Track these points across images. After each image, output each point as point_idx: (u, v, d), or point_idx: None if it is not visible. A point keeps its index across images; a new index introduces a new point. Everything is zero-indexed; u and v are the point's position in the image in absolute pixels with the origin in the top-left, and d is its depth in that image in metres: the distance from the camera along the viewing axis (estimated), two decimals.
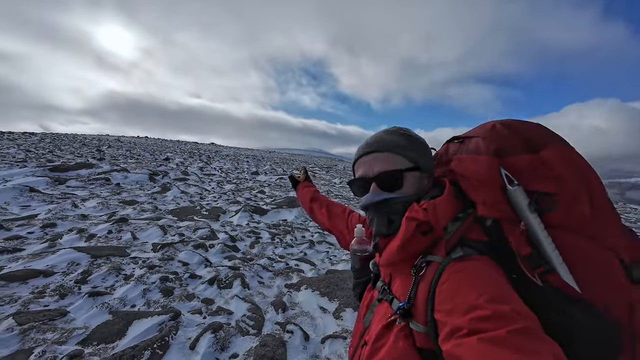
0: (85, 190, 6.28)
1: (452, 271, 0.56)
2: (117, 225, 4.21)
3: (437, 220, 0.61)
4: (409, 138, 0.72)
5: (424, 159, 0.71)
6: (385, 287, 0.71)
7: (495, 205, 0.60)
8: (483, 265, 0.56)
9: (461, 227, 0.62)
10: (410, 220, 0.63)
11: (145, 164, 10.77)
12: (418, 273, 0.62)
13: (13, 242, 3.33)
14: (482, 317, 0.46)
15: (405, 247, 0.63)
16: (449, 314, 0.51)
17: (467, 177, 0.65)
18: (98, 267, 2.97)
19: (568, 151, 0.60)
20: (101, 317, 2.27)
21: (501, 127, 0.65)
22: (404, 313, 0.60)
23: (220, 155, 19.39)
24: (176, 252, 3.57)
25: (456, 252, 0.59)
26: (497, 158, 0.62)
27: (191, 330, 2.24)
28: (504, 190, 0.59)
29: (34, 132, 17.63)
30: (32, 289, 2.49)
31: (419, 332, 0.57)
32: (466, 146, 0.69)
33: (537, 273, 0.54)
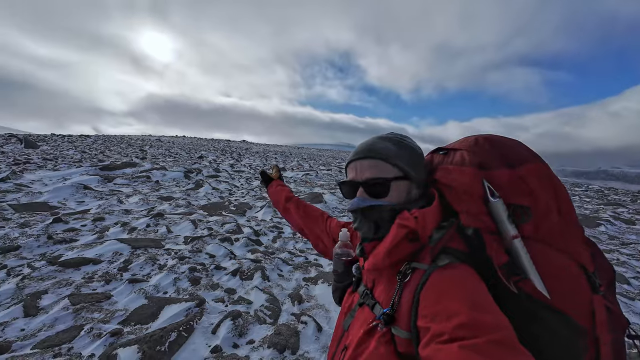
0: (130, 187, 6.94)
1: (438, 278, 0.58)
2: (154, 219, 4.64)
3: (424, 228, 0.64)
4: (401, 147, 0.72)
5: (414, 169, 0.71)
6: (367, 292, 0.72)
7: (477, 215, 0.63)
8: (466, 274, 0.58)
9: (445, 236, 0.64)
10: (401, 227, 0.65)
11: (182, 162, 11.56)
12: (403, 280, 0.63)
13: (70, 233, 3.83)
14: (464, 324, 0.48)
15: (392, 253, 0.65)
16: (432, 319, 0.53)
17: (452, 187, 0.67)
18: (137, 257, 3.33)
19: (543, 168, 0.64)
20: (138, 301, 2.56)
21: (483, 141, 0.68)
22: (387, 319, 0.61)
23: (250, 152, 20.14)
24: (204, 245, 3.86)
25: (441, 259, 0.61)
26: (480, 170, 0.64)
27: (214, 316, 2.45)
28: (485, 201, 0.63)
29: (88, 135, 19.65)
30: (84, 274, 2.88)
31: (401, 337, 0.58)
32: (451, 158, 0.71)
33: (513, 281, 0.57)
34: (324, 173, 13.04)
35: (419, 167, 0.73)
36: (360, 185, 0.72)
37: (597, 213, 8.66)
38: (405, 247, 0.65)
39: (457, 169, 0.67)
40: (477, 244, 0.62)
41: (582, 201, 11.55)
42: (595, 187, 17.98)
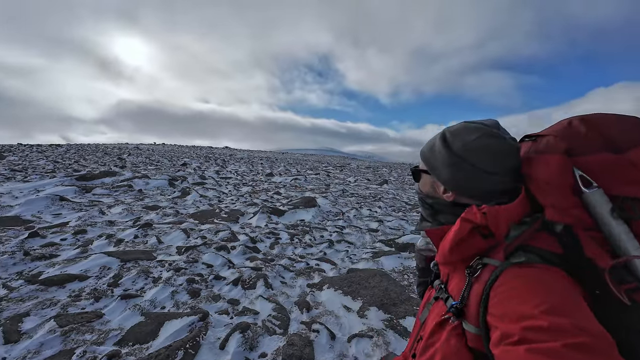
0: (111, 197, 6.54)
1: (510, 276, 0.53)
2: (142, 230, 4.36)
3: (497, 225, 0.58)
4: (433, 142, 0.72)
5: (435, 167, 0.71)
6: (442, 286, 0.71)
7: (566, 209, 0.56)
8: (547, 274, 0.52)
9: (526, 232, 0.58)
10: (464, 221, 0.61)
11: (165, 170, 11.10)
12: (472, 274, 0.60)
13: (49, 248, 3.51)
14: (536, 327, 0.44)
15: (459, 247, 0.62)
16: (501, 318, 0.49)
17: (535, 179, 0.60)
18: (128, 271, 3.09)
19: None
20: (134, 319, 2.35)
21: (579, 123, 0.59)
22: (456, 312, 0.59)
23: (234, 159, 19.73)
24: (200, 254, 3.66)
25: (517, 256, 0.56)
26: (568, 157, 0.57)
27: (220, 330, 2.29)
28: (577, 193, 0.55)
29: (60, 144, 18.54)
30: (70, 292, 2.63)
31: (471, 332, 0.56)
32: (537, 145, 0.64)
33: (625, 290, 0.49)
34: (312, 177, 12.96)
35: (443, 167, 0.68)
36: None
37: None
38: (477, 243, 0.60)
39: (539, 158, 0.61)
40: (569, 242, 0.55)
41: None
42: None
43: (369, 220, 6.21)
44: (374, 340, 2.27)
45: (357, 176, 15.25)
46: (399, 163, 32.62)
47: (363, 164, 26.61)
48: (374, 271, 3.43)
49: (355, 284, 3.11)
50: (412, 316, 2.54)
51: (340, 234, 5.11)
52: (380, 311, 2.65)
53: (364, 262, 3.89)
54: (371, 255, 4.08)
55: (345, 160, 31.78)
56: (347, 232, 5.29)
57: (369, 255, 4.11)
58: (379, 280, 3.16)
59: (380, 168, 22.37)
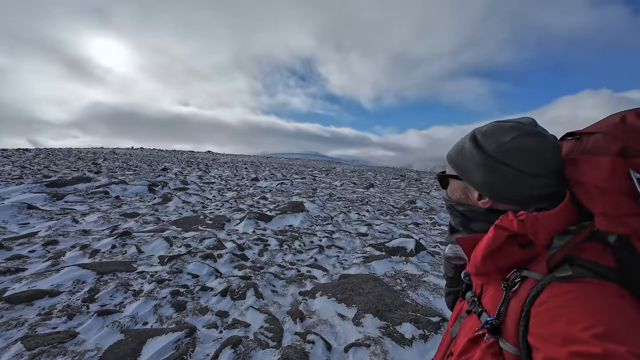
0: (85, 204, 6.15)
1: (556, 292, 0.48)
2: (120, 239, 4.10)
3: (536, 234, 0.53)
4: (463, 145, 0.68)
5: (466, 172, 0.66)
6: (475, 299, 0.66)
7: (620, 218, 0.50)
8: (601, 292, 0.47)
9: (571, 243, 0.53)
10: (499, 229, 0.56)
11: (144, 175, 10.63)
12: (510, 288, 0.55)
13: (15, 262, 3.20)
14: (587, 354, 0.39)
15: (493, 257, 0.57)
16: (545, 340, 0.45)
17: (581, 184, 0.55)
18: (105, 284, 2.86)
19: None
20: (113, 337, 2.16)
21: (635, 118, 0.52)
22: (491, 329, 0.55)
23: (218, 163, 19.27)
24: (184, 264, 3.47)
25: (563, 270, 0.50)
26: (622, 158, 0.50)
27: (209, 346, 2.14)
28: (634, 199, 0.49)
29: (28, 148, 17.40)
30: (39, 310, 2.38)
31: (509, 352, 0.52)
32: (583, 144, 0.57)
33: None
34: (298, 182, 12.83)
35: (476, 172, 0.63)
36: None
37: None
38: (514, 253, 0.56)
39: (587, 159, 0.54)
40: (625, 255, 0.49)
41: None
42: None
43: (357, 224, 6.17)
44: (371, 349, 2.20)
45: (343, 180, 15.28)
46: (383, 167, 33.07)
47: (348, 167, 26.77)
48: (366, 276, 3.37)
49: (348, 290, 3.04)
50: (408, 322, 2.49)
51: (330, 239, 5.03)
52: (376, 318, 2.59)
53: (356, 267, 3.83)
54: (362, 260, 4.02)
55: (330, 164, 31.87)
56: (336, 236, 5.22)
57: (360, 260, 4.06)
58: (372, 285, 3.10)
59: (366, 172, 22.57)
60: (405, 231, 5.80)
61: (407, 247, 4.41)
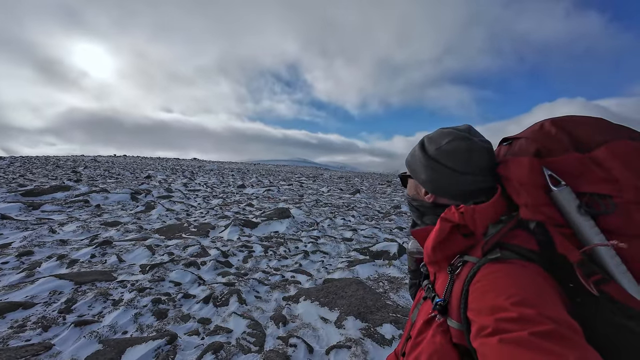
0: (63, 214, 5.96)
1: (487, 272, 0.57)
2: (100, 248, 4.00)
3: (475, 224, 0.62)
4: (416, 150, 0.78)
5: (415, 171, 0.78)
6: (429, 286, 0.73)
7: (537, 207, 0.58)
8: (520, 269, 0.55)
9: (502, 230, 0.61)
10: (444, 221, 0.65)
11: (126, 183, 10.38)
12: (454, 272, 0.63)
13: None
14: (507, 318, 0.47)
15: (441, 246, 0.65)
16: (478, 312, 0.52)
17: (509, 180, 0.64)
18: (83, 294, 2.80)
19: (630, 148, 0.53)
20: (90, 348, 2.12)
21: (550, 125, 0.62)
22: (440, 309, 0.62)
23: (203, 170, 19.01)
24: (167, 272, 3.43)
25: (493, 253, 0.59)
26: (538, 158, 0.60)
27: (190, 353, 2.14)
28: (548, 191, 0.57)
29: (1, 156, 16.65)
30: (11, 323, 2.31)
31: (454, 328, 0.59)
32: (512, 148, 0.67)
33: (592, 281, 0.51)
34: (285, 188, 12.83)
35: (422, 171, 0.75)
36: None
37: None
38: (458, 242, 0.64)
39: (513, 160, 0.64)
40: (543, 239, 0.58)
41: None
42: None
43: (343, 230, 6.24)
44: (352, 350, 2.25)
45: (330, 186, 15.38)
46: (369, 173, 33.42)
47: (335, 174, 26.95)
48: (349, 280, 3.42)
49: (331, 294, 3.09)
50: (388, 323, 2.56)
51: (315, 244, 5.07)
52: (358, 320, 2.64)
53: (340, 271, 3.88)
54: (346, 265, 4.08)
55: (318, 170, 31.98)
56: (322, 242, 5.27)
57: (345, 264, 4.11)
58: (355, 289, 3.16)
59: (353, 178, 22.78)
60: (389, 235, 5.91)
61: (390, 250, 4.50)
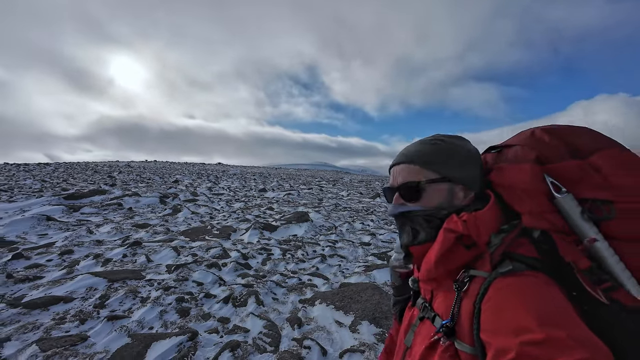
0: (99, 216, 6.43)
1: (500, 287, 0.52)
2: (131, 248, 4.29)
3: (478, 233, 0.58)
4: (437, 148, 0.68)
5: (454, 170, 0.66)
6: (426, 305, 0.67)
7: (542, 214, 0.57)
8: (536, 282, 0.51)
9: (506, 239, 0.58)
10: (447, 232, 0.60)
11: (156, 187, 10.99)
12: (461, 288, 0.58)
13: (33, 270, 3.42)
14: (533, 341, 0.42)
15: (444, 260, 0.60)
16: (495, 333, 0.47)
17: (509, 187, 0.62)
18: (115, 291, 3.02)
19: (624, 155, 0.56)
20: (120, 341, 2.29)
21: (541, 133, 0.63)
22: (447, 331, 0.56)
23: (227, 175, 19.67)
24: (190, 272, 3.61)
25: (504, 266, 0.55)
26: (539, 165, 0.59)
27: (209, 349, 2.25)
28: (550, 198, 0.56)
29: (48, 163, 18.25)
30: (54, 315, 2.55)
31: (466, 353, 0.52)
32: (504, 155, 0.67)
33: (601, 289, 0.50)
34: (305, 192, 12.98)
35: (463, 167, 0.66)
36: (396, 191, 0.70)
37: None
38: (461, 254, 0.60)
39: (512, 167, 0.62)
40: (547, 247, 0.56)
41: None
42: None
43: (361, 234, 6.22)
44: (365, 355, 2.25)
45: (350, 190, 15.34)
46: None
47: (356, 177, 26.80)
48: (366, 285, 3.42)
49: (347, 298, 3.10)
50: None
51: (333, 248, 5.10)
52: (372, 325, 2.64)
53: (357, 276, 3.88)
54: (363, 269, 4.07)
55: (338, 174, 31.98)
56: (339, 246, 5.29)
57: (362, 269, 4.11)
58: (370, 293, 3.16)
59: (373, 181, 22.55)
60: None
61: None
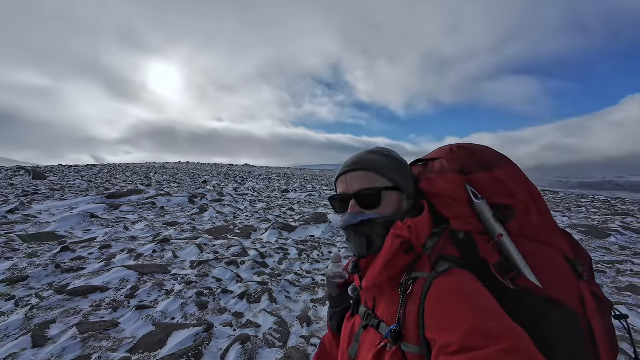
0: (135, 214, 7.00)
1: (440, 285, 0.57)
2: (160, 245, 4.65)
3: (417, 237, 0.64)
4: (390, 158, 0.74)
5: (404, 180, 0.73)
6: (369, 312, 0.70)
7: (466, 218, 0.66)
8: (467, 278, 0.58)
9: (439, 242, 0.65)
10: (395, 237, 0.64)
11: (186, 188, 11.68)
12: (405, 291, 0.61)
13: (77, 262, 3.84)
14: (470, 333, 0.47)
15: (389, 265, 0.64)
16: (439, 329, 0.51)
17: (438, 195, 0.69)
18: (144, 283, 3.32)
19: (515, 169, 0.69)
20: (146, 328, 2.53)
21: (457, 149, 0.73)
22: (394, 336, 0.58)
23: (253, 176, 20.34)
24: (211, 269, 3.85)
25: (441, 265, 0.61)
26: (462, 175, 0.68)
27: (222, 341, 2.41)
28: (471, 204, 0.65)
29: (94, 164, 20.05)
30: (91, 302, 2.87)
31: (413, 354, 0.56)
32: (430, 167, 0.75)
33: (509, 278, 0.59)
34: (327, 193, 13.08)
35: (408, 179, 0.74)
36: (351, 198, 0.71)
37: (605, 224, 8.55)
38: (401, 259, 0.64)
39: (439, 177, 0.70)
40: (470, 247, 0.64)
41: (589, 212, 11.41)
42: (601, 197, 17.83)
43: None
44: None
45: None
46: None
47: None
48: None
49: None
50: None
51: (349, 250, 5.13)
52: None
53: None
54: None
55: None
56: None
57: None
58: None
59: None
60: None
61: None
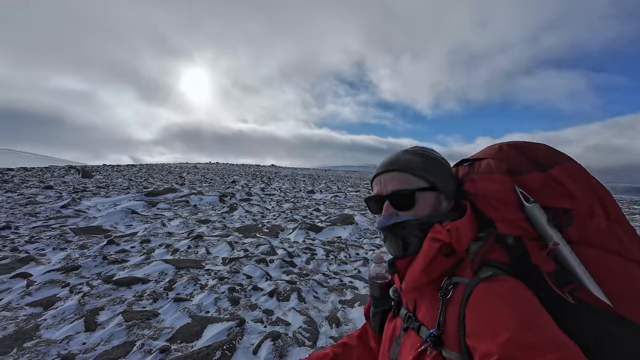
0: (171, 211, 7.41)
1: (482, 292, 0.54)
2: (194, 241, 4.88)
3: (459, 241, 0.61)
4: (426, 158, 0.71)
5: (441, 179, 0.69)
6: (410, 315, 0.68)
7: (515, 222, 0.61)
8: (514, 286, 0.54)
9: (484, 246, 0.61)
10: (433, 241, 0.62)
11: (216, 187, 12.17)
12: (445, 296, 0.59)
13: (121, 254, 4.14)
14: (513, 343, 0.44)
15: (428, 269, 0.62)
16: (479, 338, 0.49)
17: (484, 197, 0.65)
18: (181, 277, 3.50)
19: (577, 168, 0.62)
20: (183, 320, 2.67)
21: (508, 148, 0.68)
22: (434, 340, 0.56)
23: (279, 176, 20.72)
24: (241, 265, 3.97)
25: (484, 272, 0.57)
26: (510, 176, 0.64)
27: (254, 337, 2.48)
28: (521, 207, 0.61)
29: (134, 164, 21.52)
30: (134, 292, 3.08)
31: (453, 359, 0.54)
32: (476, 168, 0.71)
33: (567, 290, 0.54)
34: (352, 194, 13.00)
35: (447, 178, 0.71)
36: (385, 199, 0.70)
37: None
38: (441, 263, 0.62)
39: (485, 178, 0.66)
40: (520, 253, 0.60)
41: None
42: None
43: None
44: None
45: None
46: None
47: None
48: None
49: None
50: None
51: (386, 251, 5.06)
52: None
53: None
54: None
55: None
56: (383, 250, 5.22)
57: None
58: None
59: None
60: None
61: None
